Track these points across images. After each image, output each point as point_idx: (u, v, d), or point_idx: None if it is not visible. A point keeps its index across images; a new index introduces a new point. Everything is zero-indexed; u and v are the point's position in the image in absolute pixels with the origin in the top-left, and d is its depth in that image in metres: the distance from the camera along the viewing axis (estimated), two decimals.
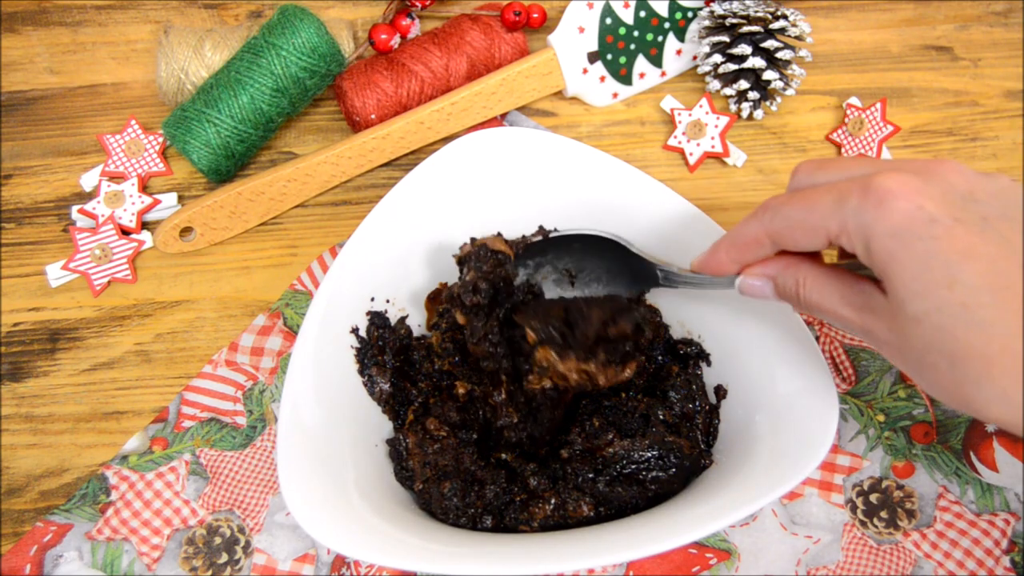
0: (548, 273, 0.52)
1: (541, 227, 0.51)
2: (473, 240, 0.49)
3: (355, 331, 0.50)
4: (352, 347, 0.50)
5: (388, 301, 0.52)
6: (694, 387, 0.51)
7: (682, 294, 0.51)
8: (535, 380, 0.46)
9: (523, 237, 0.50)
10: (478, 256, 0.47)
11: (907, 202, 0.35)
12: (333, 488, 0.44)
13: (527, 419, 0.49)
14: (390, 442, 0.50)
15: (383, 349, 0.51)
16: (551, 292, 0.52)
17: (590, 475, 0.47)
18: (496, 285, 0.47)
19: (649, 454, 0.47)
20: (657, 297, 0.53)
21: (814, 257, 0.42)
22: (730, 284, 0.44)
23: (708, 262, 0.45)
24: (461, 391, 0.50)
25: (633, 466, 0.47)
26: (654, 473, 0.47)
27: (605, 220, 0.52)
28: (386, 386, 0.51)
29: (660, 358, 0.52)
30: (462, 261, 0.48)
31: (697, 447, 0.49)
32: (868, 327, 0.39)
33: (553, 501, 0.47)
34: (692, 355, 0.52)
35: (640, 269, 0.49)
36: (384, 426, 0.51)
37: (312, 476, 0.44)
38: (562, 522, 0.47)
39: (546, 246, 0.50)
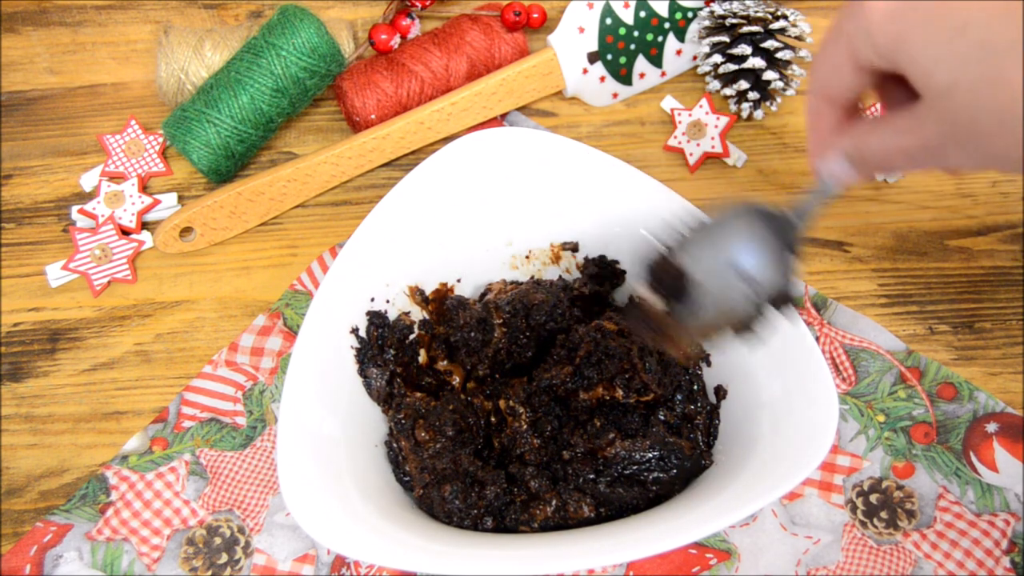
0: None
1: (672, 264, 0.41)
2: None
3: (355, 331, 0.50)
4: (352, 347, 0.50)
5: (388, 301, 0.52)
6: (695, 387, 0.51)
7: None
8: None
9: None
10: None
11: None
12: (333, 488, 0.44)
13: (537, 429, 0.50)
14: (386, 444, 0.50)
15: (383, 349, 0.51)
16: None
17: (591, 476, 0.47)
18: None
19: (650, 455, 0.47)
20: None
21: None
22: (827, 189, 0.42)
23: (813, 140, 0.43)
24: (456, 379, 0.52)
25: (634, 467, 0.47)
26: (655, 474, 0.47)
27: (604, 221, 0.52)
28: (385, 386, 0.51)
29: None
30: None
31: (698, 448, 0.49)
32: (924, 140, 0.37)
33: (554, 502, 0.47)
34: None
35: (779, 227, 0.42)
36: (384, 426, 0.51)
37: (312, 476, 0.44)
38: (562, 523, 0.47)
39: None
